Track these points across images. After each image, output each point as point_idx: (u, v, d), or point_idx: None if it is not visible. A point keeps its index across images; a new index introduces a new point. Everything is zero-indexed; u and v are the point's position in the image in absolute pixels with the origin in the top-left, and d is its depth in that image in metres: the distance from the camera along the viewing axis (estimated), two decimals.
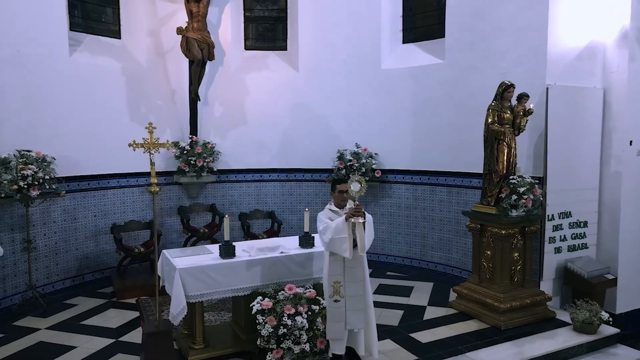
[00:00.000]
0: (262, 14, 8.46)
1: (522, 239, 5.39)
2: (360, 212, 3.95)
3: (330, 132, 8.04)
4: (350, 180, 4.01)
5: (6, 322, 5.38)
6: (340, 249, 3.96)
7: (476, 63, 6.61)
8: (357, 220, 3.91)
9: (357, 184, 3.98)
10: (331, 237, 3.96)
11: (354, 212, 3.92)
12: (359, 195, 3.98)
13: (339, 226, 3.94)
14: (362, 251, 3.99)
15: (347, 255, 3.97)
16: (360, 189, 3.98)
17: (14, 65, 5.92)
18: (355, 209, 3.94)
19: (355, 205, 3.96)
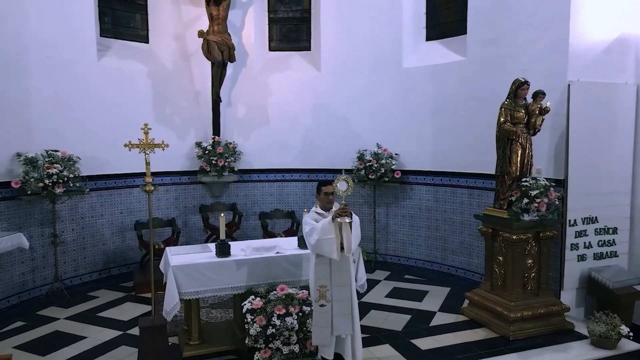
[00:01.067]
0: (285, 15, 8.52)
1: (537, 245, 5.09)
2: (347, 212, 3.88)
3: (352, 132, 7.97)
4: (337, 180, 3.95)
5: (32, 311, 5.75)
6: (328, 250, 3.91)
7: (498, 59, 6.32)
8: (343, 220, 3.85)
9: (344, 183, 3.92)
10: (318, 238, 3.92)
11: (341, 212, 3.86)
12: (345, 194, 3.92)
13: (325, 227, 3.89)
14: (348, 252, 3.92)
15: (334, 256, 3.91)
16: (347, 188, 3.92)
17: (45, 71, 6.31)
18: (342, 208, 3.87)
19: (342, 205, 3.90)
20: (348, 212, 3.88)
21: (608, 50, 5.51)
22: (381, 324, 5.28)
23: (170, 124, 7.79)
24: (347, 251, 3.91)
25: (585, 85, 5.32)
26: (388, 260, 7.89)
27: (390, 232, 7.90)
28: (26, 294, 6.15)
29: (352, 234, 3.89)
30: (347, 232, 3.88)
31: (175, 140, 7.79)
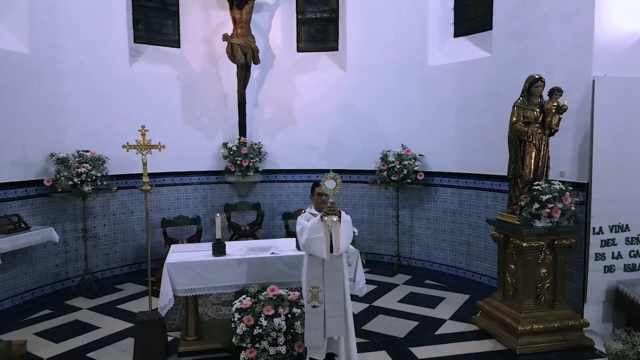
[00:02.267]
0: (313, 16, 8.53)
1: (552, 254, 4.74)
2: (335, 210, 3.83)
3: (377, 132, 7.83)
4: (324, 178, 3.91)
5: (61, 301, 6.18)
6: (317, 250, 3.87)
7: (523, 55, 5.96)
8: (331, 219, 3.80)
9: (332, 182, 3.88)
10: (307, 237, 3.89)
11: (328, 211, 3.82)
12: (333, 193, 3.88)
13: (314, 226, 3.87)
14: (337, 252, 3.85)
15: (324, 255, 3.88)
16: (335, 187, 3.87)
17: (78, 76, 6.74)
18: (330, 207, 3.83)
19: (329, 204, 3.86)
20: (336, 210, 3.83)
21: (638, 43, 5.01)
22: (384, 329, 5.15)
23: (198, 126, 8.06)
24: (336, 251, 3.85)
25: (611, 81, 4.88)
26: (412, 264, 7.67)
27: (414, 235, 7.68)
28: (59, 284, 6.62)
29: (341, 234, 3.82)
30: (335, 232, 3.83)
31: (203, 141, 8.06)
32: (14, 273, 6.02)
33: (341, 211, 3.90)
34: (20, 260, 6.09)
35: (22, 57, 6.08)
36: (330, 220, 3.78)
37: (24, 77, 6.10)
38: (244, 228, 7.56)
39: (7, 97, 5.90)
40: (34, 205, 6.26)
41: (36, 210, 6.29)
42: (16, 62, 6.01)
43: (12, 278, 5.98)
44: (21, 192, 6.09)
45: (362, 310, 5.72)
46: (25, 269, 6.17)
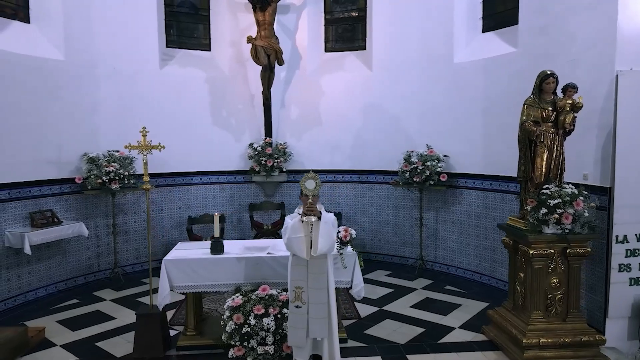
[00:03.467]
0: (341, 16, 8.48)
1: (564, 262, 4.40)
2: (313, 210, 3.81)
3: (403, 132, 7.65)
4: (303, 178, 3.92)
5: (90, 291, 6.58)
6: (297, 249, 3.90)
7: (548, 50, 5.58)
8: (309, 219, 3.79)
9: (312, 182, 3.91)
10: (288, 236, 3.92)
11: (307, 211, 3.81)
12: (313, 193, 3.88)
13: (295, 225, 3.88)
14: (315, 252, 3.82)
15: (303, 255, 3.89)
16: (315, 187, 3.88)
17: (111, 80, 7.15)
18: (308, 207, 3.82)
19: (308, 204, 3.84)
20: (314, 210, 3.81)
21: None
22: (387, 334, 5.02)
23: (226, 126, 8.27)
24: (314, 251, 3.83)
25: (636, 75, 4.45)
26: (436, 268, 7.42)
27: (439, 239, 7.43)
28: (91, 276, 7.05)
29: (320, 234, 3.79)
30: (316, 232, 3.81)
31: (231, 141, 8.27)
32: (49, 264, 6.49)
33: (322, 212, 3.86)
34: (55, 253, 6.55)
35: (58, 64, 6.54)
36: (309, 220, 3.76)
37: (59, 82, 6.55)
38: (266, 227, 7.66)
39: (44, 101, 6.36)
40: (67, 201, 6.72)
41: (70, 206, 6.75)
42: (52, 68, 6.47)
43: (46, 269, 6.45)
44: (56, 189, 6.56)
45: (370, 314, 5.62)
46: (59, 261, 6.63)
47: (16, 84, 6.01)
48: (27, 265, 6.17)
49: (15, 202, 6.02)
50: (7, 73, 5.90)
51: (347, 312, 5.66)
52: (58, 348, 4.77)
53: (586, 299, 4.98)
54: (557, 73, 5.09)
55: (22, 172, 6.12)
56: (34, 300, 6.21)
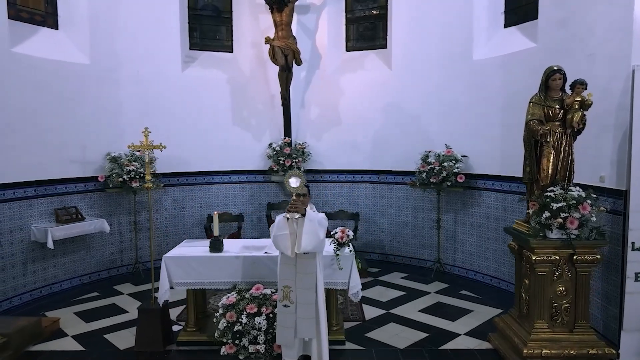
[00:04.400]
0: (362, 14, 8.40)
1: (571, 270, 4.15)
2: (296, 207, 3.80)
3: (422, 132, 7.48)
4: (287, 176, 3.95)
5: (110, 285, 6.86)
6: (283, 247, 3.92)
7: (567, 44, 5.28)
8: (292, 216, 3.80)
9: (296, 179, 3.91)
10: (274, 234, 3.95)
11: (290, 208, 3.82)
12: (297, 190, 3.89)
13: (280, 223, 3.91)
14: (298, 249, 3.81)
15: (288, 253, 3.91)
16: (299, 185, 3.89)
17: (134, 83, 7.42)
18: (291, 204, 3.82)
19: (292, 201, 3.85)
20: (297, 207, 3.80)
21: None
22: (387, 338, 4.92)
23: (247, 126, 8.39)
24: (297, 248, 3.82)
25: None
26: (454, 272, 7.21)
27: (458, 242, 7.20)
28: (115, 270, 7.35)
29: (304, 231, 3.77)
30: (299, 229, 3.80)
31: (251, 141, 8.38)
32: (74, 258, 6.82)
33: (308, 210, 3.84)
34: (80, 247, 6.89)
35: (83, 67, 6.86)
36: (292, 217, 3.76)
37: (85, 85, 6.87)
38: None
39: (70, 103, 6.69)
40: (92, 198, 7.04)
41: (94, 203, 7.06)
42: (78, 71, 6.79)
43: (71, 263, 6.79)
44: (80, 186, 6.88)
45: (376, 317, 5.53)
46: (84, 255, 6.96)
47: (43, 88, 6.35)
48: (53, 259, 6.52)
49: (41, 198, 6.37)
50: (35, 77, 6.24)
51: (353, 314, 5.59)
52: (69, 338, 5.00)
53: (602, 309, 4.68)
54: (575, 68, 4.86)
55: (48, 171, 6.46)
56: (59, 292, 6.55)
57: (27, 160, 6.15)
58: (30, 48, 6.27)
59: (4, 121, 5.84)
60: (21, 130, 6.06)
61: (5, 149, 5.85)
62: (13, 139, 5.97)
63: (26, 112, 6.13)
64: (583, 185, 4.75)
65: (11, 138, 5.94)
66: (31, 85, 6.20)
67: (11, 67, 5.94)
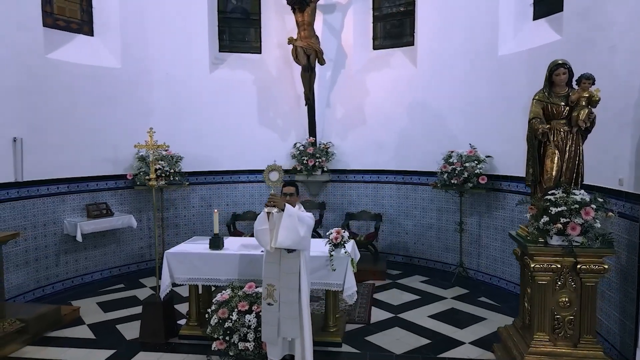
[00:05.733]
0: (390, 11, 8.25)
1: (576, 279, 3.84)
2: (274, 202, 3.79)
3: (446, 131, 7.24)
4: (267, 170, 3.98)
5: (137, 278, 7.21)
6: (263, 241, 3.96)
7: (589, 36, 4.90)
8: (270, 210, 3.80)
9: (276, 174, 3.94)
10: (256, 228, 4.00)
11: (268, 202, 3.82)
12: (276, 185, 3.91)
13: (260, 217, 3.96)
14: (274, 244, 3.81)
15: (267, 247, 3.93)
16: (278, 178, 3.92)
17: (164, 85, 7.74)
18: (269, 198, 3.83)
19: (270, 195, 3.86)
20: (276, 202, 3.80)
21: None
22: (387, 343, 4.80)
23: (273, 126, 8.50)
24: (273, 242, 3.82)
25: None
26: (478, 277, 6.90)
27: (482, 246, 6.89)
28: (144, 264, 7.71)
29: (281, 226, 3.76)
30: (277, 224, 3.80)
31: (277, 141, 8.48)
32: (104, 251, 7.24)
33: (287, 205, 3.82)
34: (110, 241, 7.29)
35: (115, 71, 7.25)
36: (270, 211, 3.77)
37: (117, 88, 7.26)
38: None
39: (102, 105, 7.10)
40: (122, 195, 7.43)
41: (124, 200, 7.45)
42: (111, 75, 7.20)
43: (102, 255, 7.20)
44: (111, 184, 7.29)
45: (382, 320, 5.41)
46: (114, 249, 7.36)
47: (77, 91, 6.78)
48: (84, 251, 6.95)
49: (74, 194, 6.81)
50: (70, 81, 6.68)
51: (359, 316, 5.51)
52: (84, 327, 5.31)
53: (619, 323, 4.30)
54: (596, 62, 4.56)
55: (81, 169, 6.89)
56: (89, 282, 6.97)
57: (61, 159, 6.59)
58: (65, 54, 6.72)
59: (39, 122, 6.29)
60: (56, 131, 6.50)
61: (40, 148, 6.31)
62: (48, 138, 6.41)
63: (60, 113, 6.57)
64: (602, 188, 4.43)
65: (46, 138, 6.39)
66: (65, 89, 6.64)
67: (46, 72, 6.39)
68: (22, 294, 6.12)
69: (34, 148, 6.20)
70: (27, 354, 4.63)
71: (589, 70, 4.66)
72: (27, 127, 6.12)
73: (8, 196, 5.93)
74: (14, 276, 6.01)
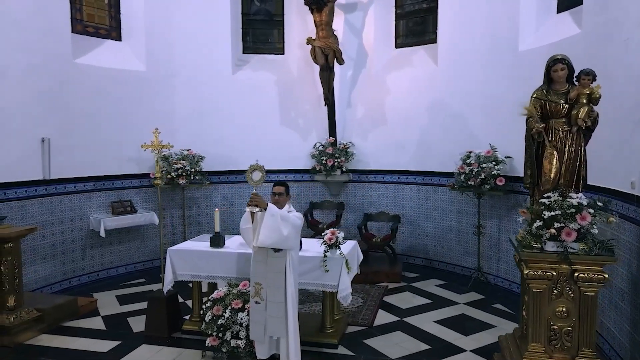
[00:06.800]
0: (412, 8, 8.08)
1: (574, 288, 3.61)
2: (256, 201, 3.82)
3: (467, 131, 7.02)
4: (249, 169, 4.02)
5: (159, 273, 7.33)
6: (247, 240, 4.08)
7: (606, 29, 4.60)
8: (252, 209, 3.85)
9: (258, 173, 3.99)
10: (241, 227, 4.09)
11: (250, 202, 3.86)
12: (258, 184, 3.96)
13: (245, 217, 4.04)
14: (255, 243, 3.86)
15: (250, 247, 3.99)
16: (260, 178, 3.96)
17: (187, 87, 7.98)
18: (251, 198, 3.87)
19: (252, 195, 3.89)
20: (257, 201, 3.83)
21: None
22: (385, 347, 4.71)
23: (294, 126, 8.55)
24: (255, 242, 3.89)
25: None
26: (497, 283, 6.63)
27: (501, 251, 6.61)
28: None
29: (262, 225, 3.79)
30: (259, 223, 3.83)
31: (298, 140, 8.52)
32: (129, 247, 7.56)
33: (270, 205, 3.88)
34: (135, 237, 7.61)
35: (141, 74, 7.56)
36: (251, 210, 3.82)
37: (142, 90, 7.56)
38: (321, 227, 7.72)
39: (128, 107, 7.42)
40: (146, 193, 7.73)
41: (148, 198, 7.75)
42: (136, 78, 7.51)
43: (127, 250, 7.53)
44: (136, 182, 7.60)
45: (385, 324, 5.32)
46: (138, 245, 7.67)
47: (104, 94, 7.12)
48: (109, 246, 7.30)
49: (100, 192, 7.16)
50: (97, 85, 7.03)
51: (363, 318, 5.44)
52: (98, 318, 5.58)
53: (629, 337, 3.99)
54: (611, 56, 4.27)
55: (107, 167, 7.23)
56: (114, 276, 7.30)
57: (87, 158, 6.94)
58: (92, 59, 7.07)
59: (67, 124, 6.67)
60: (82, 131, 6.86)
61: (68, 148, 6.68)
62: (75, 139, 6.78)
63: (87, 115, 6.93)
64: (613, 190, 4.15)
65: (73, 138, 6.76)
66: (93, 92, 6.99)
67: (74, 76, 6.75)
68: (49, 284, 6.51)
69: (62, 148, 6.57)
70: (41, 342, 4.91)
71: (605, 65, 4.42)
72: (55, 128, 6.49)
73: (37, 193, 6.33)
74: (42, 268, 6.40)
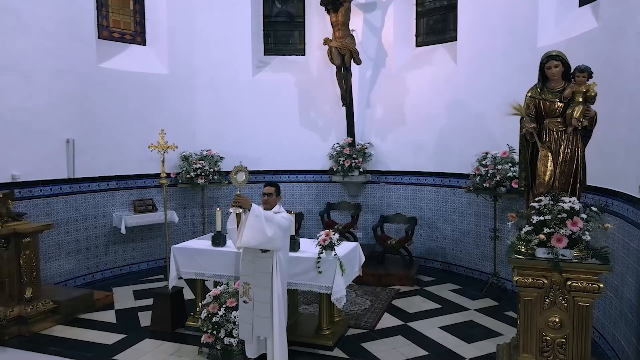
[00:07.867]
0: (433, 6, 7.90)
1: (568, 298, 3.41)
2: (239, 202, 3.87)
3: (485, 131, 6.78)
4: (233, 170, 4.09)
5: None
6: (233, 240, 4.12)
7: (621, 22, 4.33)
8: (235, 210, 3.89)
9: (242, 174, 4.04)
10: (227, 227, 4.15)
11: (233, 203, 3.91)
12: (242, 185, 4.02)
13: (230, 217, 4.08)
14: (238, 243, 3.91)
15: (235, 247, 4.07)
16: (244, 179, 4.02)
17: (208, 88, 8.18)
18: (234, 199, 3.91)
19: (235, 195, 3.94)
20: (241, 202, 3.87)
21: None
22: (382, 351, 4.63)
23: (314, 127, 8.57)
24: (238, 242, 3.95)
25: None
26: (514, 289, 6.32)
27: None
28: None
29: (246, 226, 3.83)
30: (243, 223, 3.88)
31: (317, 141, 8.53)
32: (150, 244, 7.84)
33: (254, 205, 3.90)
34: (157, 234, 7.88)
35: (163, 77, 7.82)
36: (235, 211, 3.86)
37: (164, 92, 7.82)
38: (337, 227, 7.68)
39: (151, 108, 7.69)
40: (168, 192, 7.95)
41: (170, 197, 8.00)
42: (159, 81, 7.77)
43: (148, 247, 7.81)
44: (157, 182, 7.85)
45: (388, 327, 5.23)
46: (160, 242, 7.93)
47: (127, 96, 7.42)
48: (132, 243, 7.59)
49: (122, 191, 7.47)
50: (120, 88, 7.33)
51: (366, 321, 5.37)
52: (112, 311, 5.82)
53: (635, 350, 3.73)
54: (624, 50, 4.06)
55: (130, 167, 7.53)
56: (136, 272, 7.59)
57: (110, 158, 7.26)
58: (116, 63, 7.38)
59: (91, 125, 6.99)
60: (107, 133, 7.18)
61: (92, 149, 7.00)
62: (99, 139, 7.10)
63: (111, 117, 7.24)
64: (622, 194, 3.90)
65: (98, 139, 7.08)
66: (116, 95, 7.30)
67: (98, 80, 7.07)
68: (73, 278, 6.86)
69: (86, 148, 6.89)
70: (55, 332, 5.18)
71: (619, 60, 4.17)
72: (79, 129, 6.83)
73: (61, 191, 6.68)
74: (66, 262, 6.75)
